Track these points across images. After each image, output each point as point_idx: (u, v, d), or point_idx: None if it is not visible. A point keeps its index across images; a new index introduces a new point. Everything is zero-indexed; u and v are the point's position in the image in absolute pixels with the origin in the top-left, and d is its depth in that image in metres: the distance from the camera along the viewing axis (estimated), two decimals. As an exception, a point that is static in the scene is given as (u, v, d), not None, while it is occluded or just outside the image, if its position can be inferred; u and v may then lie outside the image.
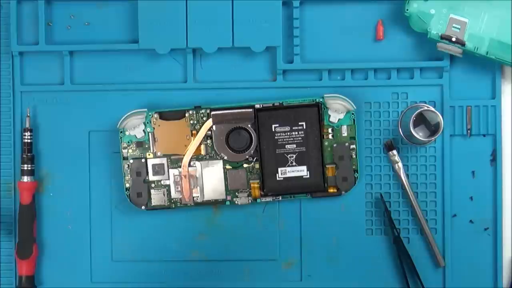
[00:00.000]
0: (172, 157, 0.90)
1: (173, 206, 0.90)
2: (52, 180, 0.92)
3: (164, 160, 0.89)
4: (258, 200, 0.90)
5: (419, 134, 0.86)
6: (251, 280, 0.91)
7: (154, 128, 0.89)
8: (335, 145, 0.89)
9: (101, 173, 0.91)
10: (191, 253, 0.91)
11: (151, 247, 0.91)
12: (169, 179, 0.89)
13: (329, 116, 0.89)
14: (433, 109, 0.87)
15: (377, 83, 0.91)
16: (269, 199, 0.89)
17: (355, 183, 0.89)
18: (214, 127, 0.89)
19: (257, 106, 0.89)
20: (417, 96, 0.90)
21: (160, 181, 0.90)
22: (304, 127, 0.88)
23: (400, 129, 0.89)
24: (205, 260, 0.91)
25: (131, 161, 0.89)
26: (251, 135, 0.89)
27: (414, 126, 0.86)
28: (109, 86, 0.91)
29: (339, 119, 0.89)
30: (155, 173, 0.89)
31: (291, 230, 0.91)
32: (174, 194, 0.90)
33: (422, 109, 0.86)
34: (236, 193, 0.90)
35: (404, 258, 0.89)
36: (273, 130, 0.89)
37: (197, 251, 0.91)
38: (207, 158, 0.90)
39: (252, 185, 0.89)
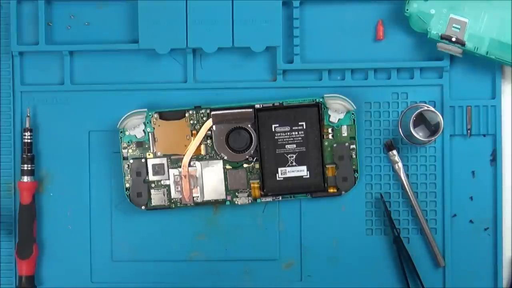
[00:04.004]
0: (172, 157, 0.90)
1: (173, 206, 0.90)
2: (52, 180, 0.92)
3: (164, 160, 0.89)
4: (258, 200, 0.90)
5: (419, 134, 0.86)
6: (251, 280, 0.91)
7: (154, 128, 0.89)
8: (335, 145, 0.89)
9: (101, 173, 0.91)
10: (191, 253, 0.91)
11: (151, 247, 0.91)
12: (169, 179, 0.89)
13: (329, 116, 0.89)
14: (433, 109, 0.87)
15: (377, 83, 0.91)
16: (269, 199, 0.89)
17: (355, 183, 0.89)
18: (214, 127, 0.89)
19: (257, 106, 0.89)
20: (417, 96, 0.90)
21: (160, 181, 0.90)
22: (304, 127, 0.88)
23: (400, 129, 0.89)
24: (205, 260, 0.91)
25: (131, 161, 0.89)
26: (251, 135, 0.89)
27: (414, 126, 0.86)
28: (109, 86, 0.91)
29: (339, 119, 0.89)
30: (155, 173, 0.89)
31: (291, 230, 0.91)
32: (174, 194, 0.90)
33: (422, 109, 0.86)
34: (236, 193, 0.90)
35: (404, 258, 0.89)
36: (273, 130, 0.89)
37: (197, 251, 0.91)
38: (207, 158, 0.90)
39: (252, 185, 0.89)
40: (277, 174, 0.89)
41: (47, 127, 0.92)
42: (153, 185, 0.90)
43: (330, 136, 0.89)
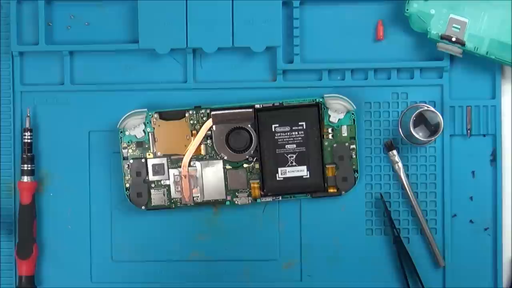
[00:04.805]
0: (172, 157, 0.90)
1: (173, 206, 0.90)
2: (52, 180, 0.92)
3: (164, 160, 0.89)
4: (258, 200, 0.90)
5: (419, 134, 0.86)
6: (251, 280, 0.91)
7: (154, 128, 0.89)
8: (335, 145, 0.89)
9: (101, 173, 0.91)
10: (191, 253, 0.91)
11: (151, 247, 0.91)
12: (169, 179, 0.89)
13: (329, 116, 0.89)
14: (433, 109, 0.87)
15: (377, 83, 0.91)
16: (269, 199, 0.89)
17: (355, 183, 0.89)
18: (214, 127, 0.89)
19: (257, 106, 0.89)
20: (417, 96, 0.90)
21: (160, 181, 0.90)
22: (304, 127, 0.88)
23: (400, 129, 0.89)
24: (205, 260, 0.91)
25: (131, 161, 0.89)
26: (251, 135, 0.89)
27: (414, 126, 0.86)
28: (109, 86, 0.91)
29: (339, 119, 0.89)
30: (155, 173, 0.89)
31: (291, 230, 0.91)
32: (174, 194, 0.90)
33: (422, 109, 0.87)
34: (236, 193, 0.90)
35: (404, 258, 0.89)
36: (273, 130, 0.89)
37: (197, 251, 0.91)
38: (207, 158, 0.90)
39: (252, 185, 0.89)
40: (277, 174, 0.89)
41: (47, 127, 0.92)
42: (153, 185, 0.90)
43: (330, 136, 0.89)
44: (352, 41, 0.91)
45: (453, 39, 0.86)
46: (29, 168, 0.90)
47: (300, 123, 0.88)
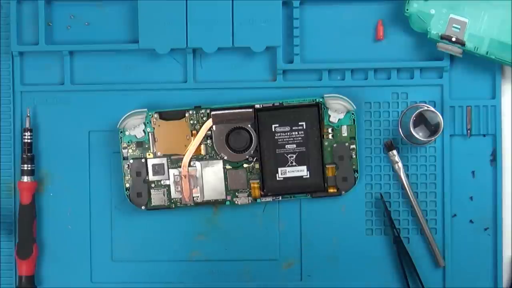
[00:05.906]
0: (172, 157, 0.90)
1: (173, 206, 0.90)
2: (52, 180, 0.92)
3: (164, 160, 0.89)
4: (258, 200, 0.90)
5: (419, 134, 0.86)
6: (251, 280, 0.91)
7: (154, 128, 0.89)
8: (335, 145, 0.89)
9: (101, 173, 0.91)
10: (191, 253, 0.91)
11: (151, 247, 0.91)
12: (169, 179, 0.89)
13: (329, 116, 0.89)
14: (433, 109, 0.87)
15: (377, 83, 0.91)
16: (269, 199, 0.89)
17: (355, 183, 0.89)
18: (214, 127, 0.89)
19: (257, 106, 0.89)
20: (417, 96, 0.90)
21: (160, 181, 0.90)
22: (304, 127, 0.88)
23: (400, 129, 0.89)
24: (205, 260, 0.91)
25: (131, 161, 0.89)
26: (251, 135, 0.89)
27: (414, 126, 0.86)
28: (109, 86, 0.91)
29: (339, 119, 0.89)
30: (155, 173, 0.89)
31: (291, 230, 0.91)
32: (174, 194, 0.90)
33: (422, 109, 0.87)
34: (236, 193, 0.90)
35: (404, 258, 0.89)
36: (273, 130, 0.89)
37: (197, 251, 0.91)
38: (207, 158, 0.90)
39: (252, 185, 0.89)
40: (277, 174, 0.89)
41: (47, 127, 0.92)
42: (153, 185, 0.90)
43: (330, 136, 0.89)
44: (352, 41, 0.91)
45: (453, 39, 0.86)
46: (29, 168, 0.90)
47: (300, 123, 0.88)
